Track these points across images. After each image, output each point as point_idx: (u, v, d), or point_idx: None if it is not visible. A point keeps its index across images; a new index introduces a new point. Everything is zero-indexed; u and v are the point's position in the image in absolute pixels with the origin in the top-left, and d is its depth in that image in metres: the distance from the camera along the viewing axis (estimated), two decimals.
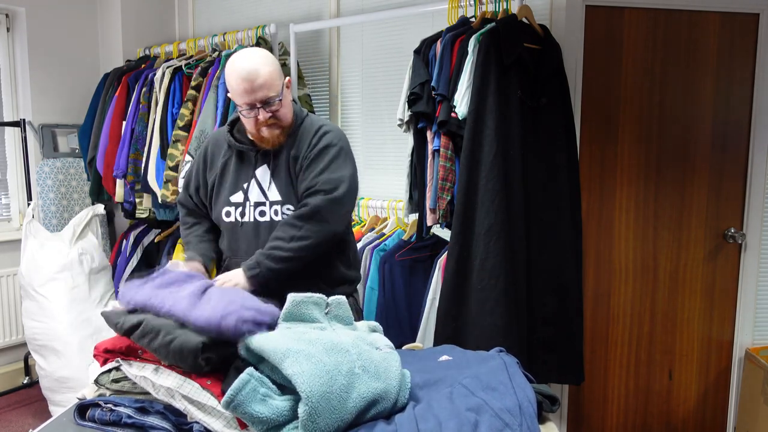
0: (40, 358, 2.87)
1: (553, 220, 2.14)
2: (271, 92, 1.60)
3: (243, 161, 1.73)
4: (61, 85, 3.40)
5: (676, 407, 2.65)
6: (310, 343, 1.14)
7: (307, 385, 1.04)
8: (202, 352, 1.13)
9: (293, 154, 1.69)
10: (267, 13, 3.20)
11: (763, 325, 2.60)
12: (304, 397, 1.03)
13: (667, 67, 2.48)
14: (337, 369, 1.10)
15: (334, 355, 1.13)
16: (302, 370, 1.06)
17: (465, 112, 1.99)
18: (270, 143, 1.67)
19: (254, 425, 1.06)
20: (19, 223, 3.36)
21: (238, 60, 1.61)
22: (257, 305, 1.24)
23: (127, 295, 1.32)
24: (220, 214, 1.75)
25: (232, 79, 1.60)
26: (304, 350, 1.11)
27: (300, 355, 1.09)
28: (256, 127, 1.64)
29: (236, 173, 1.73)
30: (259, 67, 1.58)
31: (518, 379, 1.22)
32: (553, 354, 2.15)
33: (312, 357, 1.09)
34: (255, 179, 1.70)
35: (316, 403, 1.03)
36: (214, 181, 1.76)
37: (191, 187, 1.84)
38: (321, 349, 1.13)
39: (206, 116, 2.69)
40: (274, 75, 1.61)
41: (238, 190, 1.72)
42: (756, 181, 2.51)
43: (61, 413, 1.29)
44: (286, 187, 1.69)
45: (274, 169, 1.70)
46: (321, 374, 1.06)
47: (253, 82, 1.57)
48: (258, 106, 1.60)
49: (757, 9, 2.44)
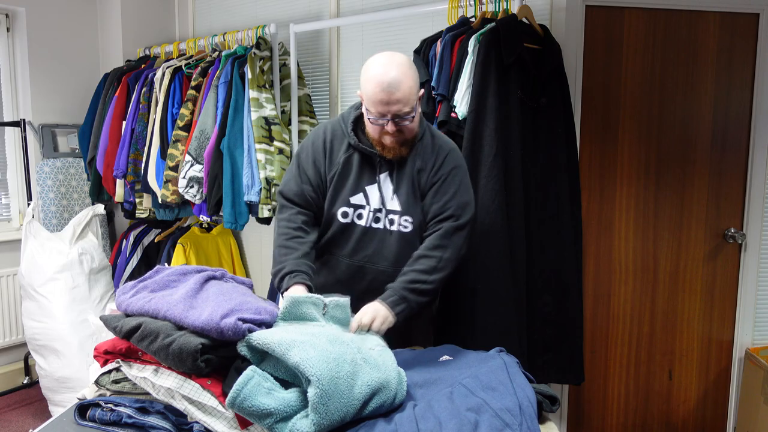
0: (40, 358, 2.87)
1: (553, 220, 2.14)
2: (406, 108, 1.52)
3: (366, 164, 1.67)
4: (61, 85, 3.40)
5: (676, 407, 2.65)
6: (313, 336, 1.16)
7: (316, 368, 1.05)
8: (201, 354, 1.13)
9: (418, 166, 1.65)
10: (267, 13, 3.20)
11: (763, 325, 2.60)
12: (314, 380, 1.04)
13: (667, 67, 2.48)
14: (342, 357, 1.12)
15: (337, 345, 1.15)
16: (309, 356, 1.07)
17: (465, 112, 1.99)
18: (392, 154, 1.61)
19: (261, 420, 1.05)
20: (19, 223, 3.36)
21: (379, 64, 1.53)
22: (256, 305, 1.24)
23: (123, 303, 1.32)
24: (335, 213, 1.68)
25: (370, 85, 1.52)
26: (308, 341, 1.12)
27: (306, 344, 1.10)
28: (380, 134, 1.59)
29: (358, 174, 1.66)
30: (401, 80, 1.49)
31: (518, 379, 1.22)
32: (553, 354, 2.16)
33: (317, 346, 1.11)
34: (378, 185, 1.65)
35: (326, 385, 1.04)
36: (334, 176, 1.67)
37: (309, 179, 1.69)
38: (324, 341, 1.15)
39: (206, 116, 2.69)
40: (413, 90, 1.53)
41: (359, 192, 1.66)
42: (756, 181, 2.51)
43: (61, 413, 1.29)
44: (407, 197, 1.65)
45: (398, 179, 1.65)
46: (328, 360, 1.08)
47: (391, 95, 1.49)
48: (389, 118, 1.54)
49: (757, 9, 2.44)
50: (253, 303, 1.24)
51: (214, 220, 3.12)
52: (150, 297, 1.28)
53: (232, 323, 1.14)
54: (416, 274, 1.56)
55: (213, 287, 1.32)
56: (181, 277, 1.37)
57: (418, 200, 1.66)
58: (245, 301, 1.23)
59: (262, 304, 1.26)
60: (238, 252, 3.33)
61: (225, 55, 2.74)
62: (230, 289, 1.33)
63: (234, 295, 1.27)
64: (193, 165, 2.66)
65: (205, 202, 2.69)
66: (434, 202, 1.64)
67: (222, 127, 2.63)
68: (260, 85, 2.63)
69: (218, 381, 1.16)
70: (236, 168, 2.62)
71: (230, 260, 3.29)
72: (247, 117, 2.62)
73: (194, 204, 2.78)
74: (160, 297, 1.27)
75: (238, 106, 2.63)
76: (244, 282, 1.47)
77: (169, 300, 1.24)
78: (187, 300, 1.24)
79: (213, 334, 1.15)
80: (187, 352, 1.12)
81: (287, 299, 1.30)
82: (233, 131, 2.62)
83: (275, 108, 2.69)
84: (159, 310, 1.23)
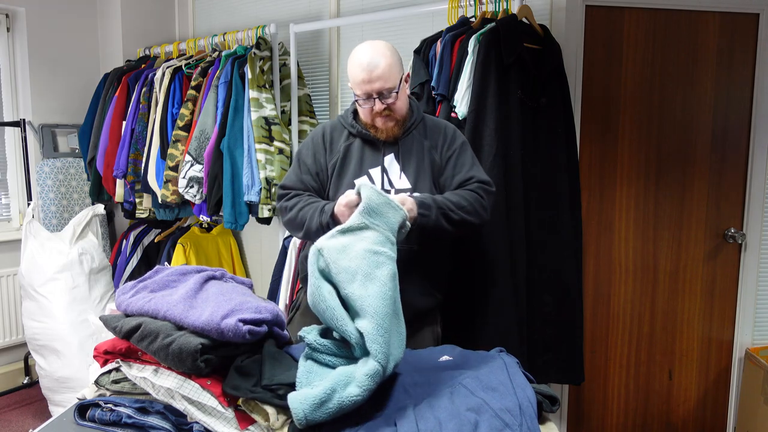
0: (40, 358, 2.87)
1: (553, 220, 2.14)
2: (388, 84, 1.62)
3: (368, 147, 1.73)
4: (61, 85, 3.40)
5: (676, 407, 2.65)
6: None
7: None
8: (201, 354, 1.13)
9: (428, 145, 1.72)
10: (267, 13, 3.20)
11: (763, 325, 2.60)
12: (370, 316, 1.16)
13: (667, 67, 2.48)
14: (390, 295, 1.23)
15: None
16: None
17: (465, 112, 1.99)
18: (384, 135, 1.69)
19: (328, 404, 1.07)
20: (19, 223, 3.36)
21: (359, 50, 1.65)
22: (256, 304, 1.23)
23: (123, 304, 1.32)
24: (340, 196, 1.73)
25: (352, 68, 1.64)
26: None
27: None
28: (371, 117, 1.67)
29: (360, 159, 1.72)
30: (378, 59, 1.61)
31: (518, 379, 1.22)
32: (553, 354, 2.15)
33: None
34: (382, 167, 1.70)
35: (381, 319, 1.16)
36: (336, 163, 1.73)
37: (309, 170, 1.75)
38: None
39: (206, 116, 2.69)
40: (393, 68, 1.63)
41: (363, 175, 1.71)
42: (756, 181, 2.51)
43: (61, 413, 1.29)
44: (417, 175, 1.69)
45: (404, 159, 1.70)
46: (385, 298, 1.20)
47: (371, 73, 1.60)
48: (374, 96, 1.63)
49: (757, 9, 2.44)
50: (253, 303, 1.24)
51: (214, 220, 3.12)
52: (150, 297, 1.28)
53: (232, 324, 1.13)
54: (446, 201, 1.60)
55: (213, 287, 1.32)
56: (180, 277, 1.37)
57: (429, 177, 1.70)
58: (245, 301, 1.23)
59: (262, 303, 1.26)
60: (238, 252, 3.33)
61: (225, 55, 2.74)
62: (230, 289, 1.32)
63: (234, 295, 1.26)
64: (193, 165, 2.66)
65: (205, 202, 2.69)
66: (456, 173, 1.70)
67: (222, 127, 2.63)
68: (260, 85, 2.63)
69: (218, 381, 1.16)
70: (236, 168, 2.62)
71: (230, 260, 3.29)
72: (247, 117, 2.62)
73: (194, 204, 2.78)
74: (159, 297, 1.27)
75: (238, 106, 2.63)
76: (244, 282, 1.47)
77: (168, 300, 1.24)
78: (187, 300, 1.24)
79: (213, 334, 1.14)
80: (186, 352, 1.12)
81: (367, 187, 1.38)
82: (233, 131, 2.62)
83: (275, 108, 2.69)
84: (159, 310, 1.23)
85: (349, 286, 1.19)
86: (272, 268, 2.78)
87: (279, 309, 1.30)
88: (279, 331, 1.29)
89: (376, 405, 1.15)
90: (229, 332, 1.13)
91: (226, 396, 1.13)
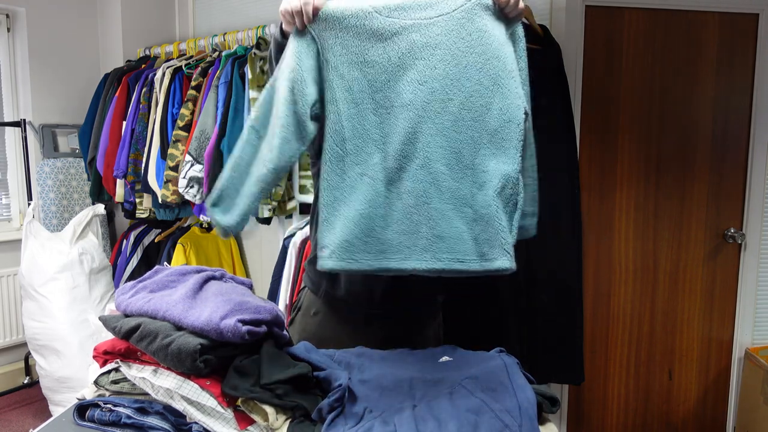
0: (40, 358, 2.87)
1: (553, 220, 2.14)
2: None
3: None
4: (61, 85, 3.40)
5: (676, 407, 2.65)
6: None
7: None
8: (200, 354, 1.13)
9: None
10: (267, 13, 3.20)
11: (763, 325, 2.60)
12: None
13: (667, 67, 2.48)
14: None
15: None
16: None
17: None
18: None
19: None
20: (19, 223, 3.36)
21: None
22: (256, 304, 1.23)
23: (122, 304, 1.32)
24: None
25: None
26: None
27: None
28: None
29: None
30: None
31: (518, 380, 1.21)
32: (553, 354, 2.15)
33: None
34: None
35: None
36: None
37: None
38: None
39: (206, 116, 2.69)
40: None
41: None
42: (756, 181, 2.51)
43: (61, 413, 1.29)
44: None
45: None
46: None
47: None
48: None
49: (757, 9, 2.43)
50: (253, 303, 1.24)
51: None
52: (149, 297, 1.28)
53: (232, 324, 1.13)
54: None
55: (212, 287, 1.32)
56: (180, 277, 1.37)
57: None
58: (245, 302, 1.23)
59: (261, 304, 1.26)
60: (238, 252, 3.33)
61: (225, 55, 2.74)
62: (230, 289, 1.32)
63: (233, 295, 1.26)
64: (194, 165, 2.67)
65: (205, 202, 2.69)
66: None
67: (222, 127, 2.63)
68: (260, 85, 2.63)
69: (217, 381, 1.16)
70: None
71: (230, 260, 3.29)
72: (247, 117, 2.62)
73: (194, 204, 2.78)
74: (159, 297, 1.27)
75: (238, 107, 2.63)
76: (243, 282, 1.46)
77: (168, 300, 1.24)
78: (187, 300, 1.23)
79: (212, 335, 1.14)
80: (186, 352, 1.12)
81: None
82: (233, 131, 2.62)
83: None
84: (158, 311, 1.23)
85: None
86: (272, 268, 2.78)
87: (279, 309, 1.30)
88: (278, 332, 1.29)
89: (376, 405, 1.15)
90: (228, 332, 1.13)
91: (225, 396, 1.13)
